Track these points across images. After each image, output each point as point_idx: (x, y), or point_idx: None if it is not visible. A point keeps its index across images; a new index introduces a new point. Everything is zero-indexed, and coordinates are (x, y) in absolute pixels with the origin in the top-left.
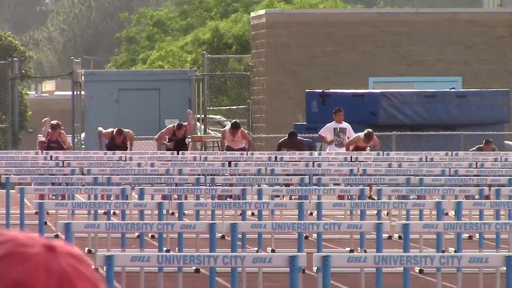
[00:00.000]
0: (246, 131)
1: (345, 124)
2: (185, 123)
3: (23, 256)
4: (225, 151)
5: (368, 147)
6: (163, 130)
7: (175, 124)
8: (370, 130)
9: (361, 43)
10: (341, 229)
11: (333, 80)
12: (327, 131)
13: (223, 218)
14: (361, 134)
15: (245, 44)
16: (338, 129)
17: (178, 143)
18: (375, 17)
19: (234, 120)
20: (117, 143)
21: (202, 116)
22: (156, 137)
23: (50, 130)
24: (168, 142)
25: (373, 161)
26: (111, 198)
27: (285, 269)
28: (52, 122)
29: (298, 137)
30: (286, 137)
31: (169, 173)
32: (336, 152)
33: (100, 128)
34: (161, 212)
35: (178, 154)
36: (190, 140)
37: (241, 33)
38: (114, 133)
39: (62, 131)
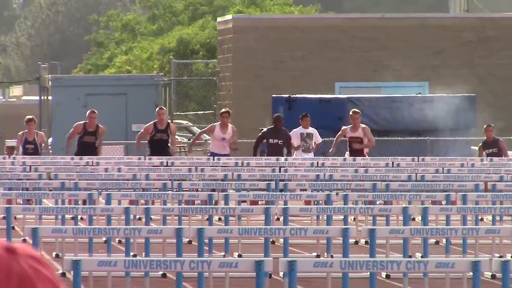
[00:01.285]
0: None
1: (311, 130)
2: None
3: None
4: (208, 156)
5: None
6: (142, 130)
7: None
8: (354, 110)
9: (328, 48)
10: (308, 234)
11: (300, 85)
12: (293, 136)
13: (190, 223)
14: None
15: (212, 50)
16: (305, 135)
17: (158, 145)
18: (342, 22)
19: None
20: (89, 129)
21: (169, 121)
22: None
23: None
24: (148, 145)
25: (340, 167)
26: (79, 203)
27: (251, 274)
28: (27, 116)
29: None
30: (266, 129)
31: (136, 178)
32: (302, 158)
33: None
34: (128, 217)
35: (157, 155)
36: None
37: (208, 39)
38: (87, 115)
39: (41, 132)
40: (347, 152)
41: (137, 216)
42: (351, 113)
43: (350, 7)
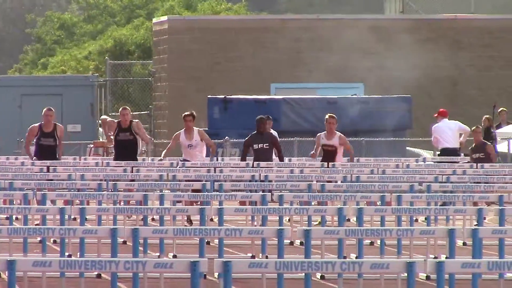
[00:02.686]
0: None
1: (274, 132)
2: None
3: None
4: (179, 164)
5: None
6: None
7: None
8: (329, 114)
9: (263, 49)
10: (243, 235)
11: (236, 86)
12: None
13: (125, 223)
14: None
15: (147, 51)
16: None
17: (122, 146)
18: (277, 23)
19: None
20: (46, 130)
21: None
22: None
23: None
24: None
25: (275, 167)
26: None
27: (186, 274)
28: None
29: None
30: (250, 135)
31: (71, 179)
32: (238, 158)
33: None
34: (63, 217)
35: (122, 159)
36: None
37: (143, 40)
38: (43, 113)
39: None
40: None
41: (72, 216)
42: (326, 117)
43: (285, 8)
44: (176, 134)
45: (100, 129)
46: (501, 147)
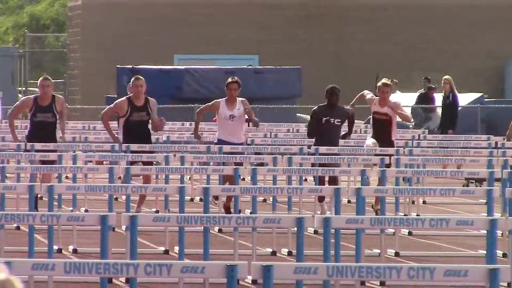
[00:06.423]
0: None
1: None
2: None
3: None
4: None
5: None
6: (111, 106)
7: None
8: (383, 81)
9: (168, 23)
10: (148, 192)
11: (142, 57)
12: None
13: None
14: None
15: (60, 24)
16: None
17: (136, 127)
18: None
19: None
20: (42, 104)
21: (24, 88)
22: (102, 115)
23: None
24: (123, 129)
25: (177, 130)
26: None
27: (97, 227)
28: None
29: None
30: (317, 106)
31: None
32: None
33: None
34: None
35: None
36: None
37: (56, 15)
38: (39, 83)
39: None
40: (369, 136)
41: None
42: (379, 84)
43: None
44: (215, 101)
45: (20, 96)
46: None
